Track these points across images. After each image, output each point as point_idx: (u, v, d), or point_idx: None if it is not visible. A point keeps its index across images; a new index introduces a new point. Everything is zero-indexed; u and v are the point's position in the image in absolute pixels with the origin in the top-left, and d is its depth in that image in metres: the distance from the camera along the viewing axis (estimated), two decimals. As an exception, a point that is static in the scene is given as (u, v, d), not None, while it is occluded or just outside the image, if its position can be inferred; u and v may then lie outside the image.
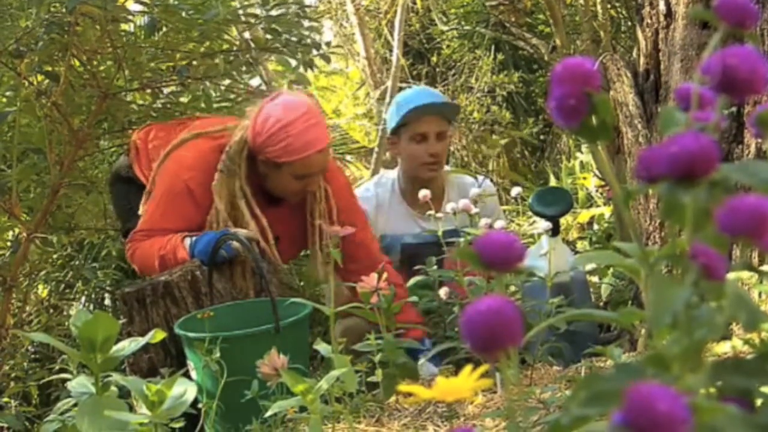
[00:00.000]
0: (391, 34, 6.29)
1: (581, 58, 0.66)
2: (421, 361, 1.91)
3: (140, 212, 2.44)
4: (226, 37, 3.20)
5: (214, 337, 1.77)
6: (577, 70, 0.65)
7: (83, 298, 3.63)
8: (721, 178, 0.61)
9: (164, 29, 2.97)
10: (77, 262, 3.52)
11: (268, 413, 1.47)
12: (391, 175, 3.03)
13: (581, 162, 5.79)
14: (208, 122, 2.60)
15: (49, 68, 2.91)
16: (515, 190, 2.44)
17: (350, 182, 2.84)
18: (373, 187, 3.01)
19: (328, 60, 3.39)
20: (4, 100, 3.11)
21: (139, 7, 2.90)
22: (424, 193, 2.31)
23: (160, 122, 2.84)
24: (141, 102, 3.25)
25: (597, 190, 5.25)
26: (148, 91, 3.12)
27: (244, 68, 3.22)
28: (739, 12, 0.66)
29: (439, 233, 2.11)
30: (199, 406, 1.76)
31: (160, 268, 2.30)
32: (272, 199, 2.46)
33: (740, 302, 0.62)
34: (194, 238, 2.25)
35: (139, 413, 1.50)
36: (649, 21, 2.83)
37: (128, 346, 1.63)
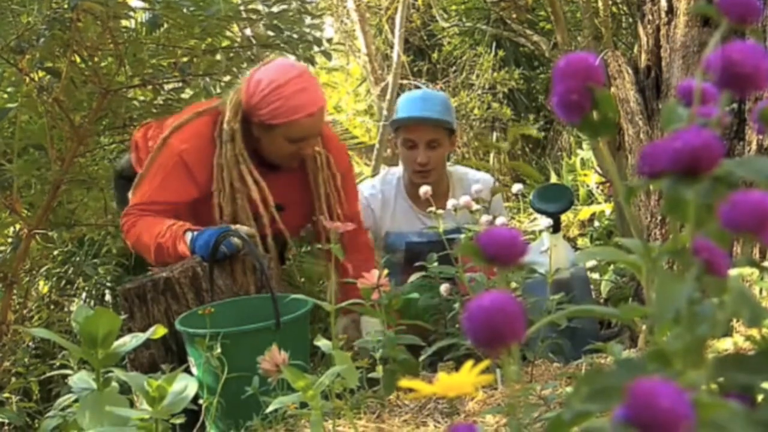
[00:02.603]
0: (392, 31, 6.28)
1: (584, 54, 0.66)
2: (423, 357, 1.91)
3: (130, 193, 2.43)
4: (227, 33, 3.20)
5: (215, 334, 1.77)
6: (580, 65, 0.65)
7: (84, 294, 3.63)
8: (723, 173, 0.61)
9: (165, 26, 2.97)
10: (78, 259, 3.53)
11: (269, 409, 1.47)
12: (397, 171, 3.02)
13: (582, 159, 5.79)
14: (199, 105, 2.60)
15: (51, 64, 2.91)
16: (516, 187, 2.43)
17: (351, 162, 2.86)
18: (379, 184, 3.01)
19: (329, 57, 3.38)
20: (6, 96, 3.11)
21: (140, 4, 2.90)
22: (424, 190, 2.30)
23: (159, 119, 2.84)
24: (142, 98, 3.25)
25: (598, 187, 5.25)
26: (149, 87, 3.12)
27: (245, 65, 3.22)
28: (741, 7, 0.66)
29: (440, 231, 2.10)
30: (200, 402, 1.76)
31: (156, 254, 2.30)
32: (270, 167, 2.45)
33: (743, 298, 0.62)
34: (195, 233, 2.25)
35: (140, 409, 1.50)
36: (650, 17, 2.83)
37: (129, 342, 1.63)
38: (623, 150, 2.94)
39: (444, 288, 2.06)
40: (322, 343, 1.56)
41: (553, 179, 5.80)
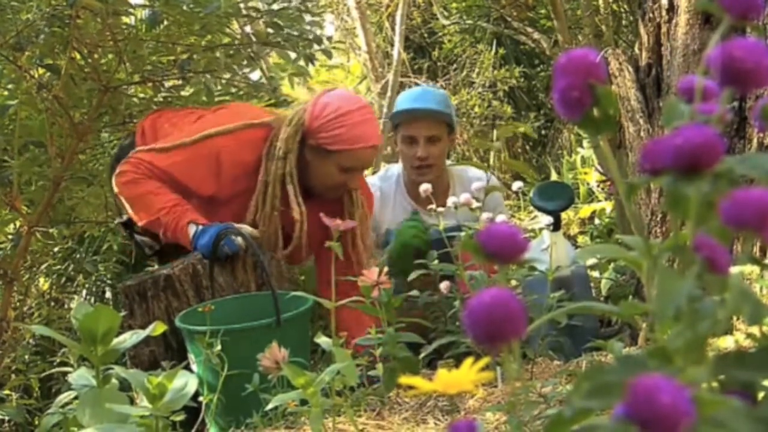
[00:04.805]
0: (393, 28, 6.28)
1: (585, 50, 0.66)
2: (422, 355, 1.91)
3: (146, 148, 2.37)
4: (227, 30, 3.19)
5: (215, 331, 1.77)
6: (581, 62, 0.65)
7: (84, 291, 3.63)
8: (724, 170, 0.61)
9: (165, 22, 2.97)
10: (78, 255, 3.53)
11: (269, 406, 1.47)
12: (396, 168, 3.02)
13: (582, 157, 5.79)
14: (245, 112, 2.54)
15: (50, 61, 2.91)
16: (516, 185, 2.42)
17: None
18: (378, 181, 3.01)
19: (329, 55, 3.38)
20: (5, 93, 3.10)
21: (140, 0, 2.90)
22: (425, 188, 2.30)
23: (171, 109, 2.80)
24: (142, 95, 3.25)
25: (598, 185, 5.25)
26: (149, 84, 3.12)
27: (245, 62, 3.22)
28: (743, 4, 0.65)
29: (441, 228, 2.10)
30: (200, 399, 1.76)
31: (150, 224, 2.28)
32: (308, 194, 2.45)
33: (744, 296, 0.62)
34: (199, 228, 2.23)
35: (140, 406, 1.50)
36: (651, 15, 2.82)
37: (129, 338, 1.63)
38: (624, 148, 2.94)
39: (444, 285, 2.05)
40: (323, 340, 1.56)
41: (554, 177, 5.80)
